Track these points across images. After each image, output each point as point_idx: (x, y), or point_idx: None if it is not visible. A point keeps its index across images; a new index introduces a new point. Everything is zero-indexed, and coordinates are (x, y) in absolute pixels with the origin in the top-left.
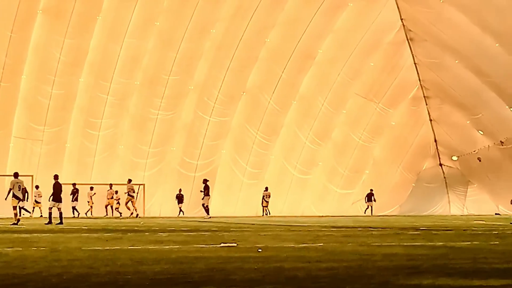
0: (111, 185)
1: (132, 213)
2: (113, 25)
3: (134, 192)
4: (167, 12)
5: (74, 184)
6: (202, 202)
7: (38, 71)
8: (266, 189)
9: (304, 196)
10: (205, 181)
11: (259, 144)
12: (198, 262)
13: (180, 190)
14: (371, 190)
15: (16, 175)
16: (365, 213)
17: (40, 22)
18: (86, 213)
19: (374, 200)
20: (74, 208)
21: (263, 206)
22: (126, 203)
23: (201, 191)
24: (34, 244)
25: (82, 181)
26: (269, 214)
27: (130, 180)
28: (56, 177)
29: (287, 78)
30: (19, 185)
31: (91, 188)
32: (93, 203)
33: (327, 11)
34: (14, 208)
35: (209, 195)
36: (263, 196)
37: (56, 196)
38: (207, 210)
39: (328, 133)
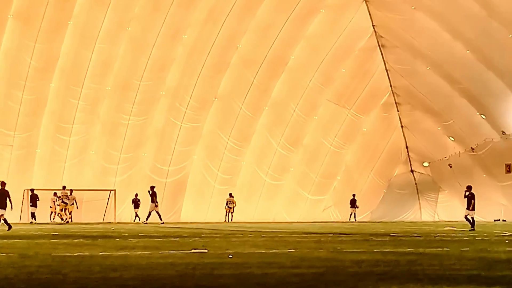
0: (71, 190)
1: (66, 220)
2: (84, 30)
3: (68, 198)
4: (139, 18)
5: (32, 190)
6: (149, 209)
7: (8, 76)
8: (230, 195)
9: (275, 202)
10: (152, 188)
11: (230, 150)
12: (168, 268)
13: (136, 195)
14: (354, 195)
15: None
16: (349, 219)
17: (10, 27)
18: (53, 219)
19: (357, 206)
20: (32, 214)
21: (226, 212)
22: (61, 210)
23: (148, 191)
24: (3, 250)
25: (53, 186)
26: (230, 221)
27: (64, 187)
28: (3, 184)
29: (259, 84)
30: None
31: (55, 194)
32: (55, 209)
33: (299, 17)
34: None
35: (154, 202)
36: (227, 202)
37: (1, 203)
38: (147, 217)
39: (300, 139)
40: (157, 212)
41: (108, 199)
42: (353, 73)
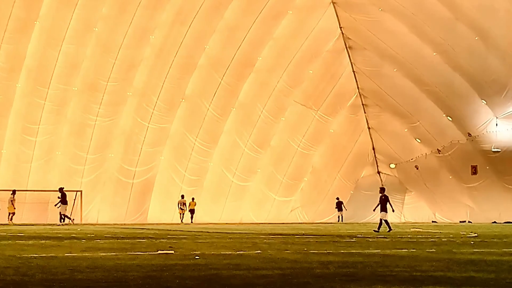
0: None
1: None
2: (51, 31)
3: None
4: (106, 18)
5: None
6: (59, 210)
7: None
8: (182, 197)
9: (243, 203)
10: (61, 189)
11: (198, 151)
12: (134, 269)
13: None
14: (338, 198)
15: None
16: (338, 221)
17: None
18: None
19: (345, 209)
20: None
21: (180, 214)
22: None
23: (58, 198)
24: None
25: (19, 187)
26: (182, 222)
27: None
28: None
29: (227, 85)
30: None
31: (13, 193)
32: (15, 209)
33: (266, 19)
34: None
35: (66, 203)
36: (178, 203)
37: None
38: (63, 218)
39: (267, 140)
40: (63, 214)
41: (75, 200)
42: (320, 74)
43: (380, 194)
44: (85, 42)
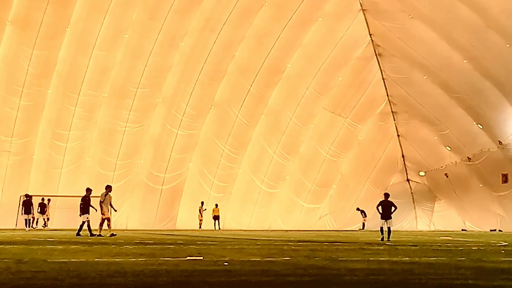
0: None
1: None
2: (81, 37)
3: None
4: (136, 25)
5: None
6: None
7: (6, 82)
8: (202, 203)
9: (271, 210)
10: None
11: (226, 158)
12: (163, 275)
13: (42, 199)
14: (358, 208)
15: None
16: (362, 229)
17: (8, 33)
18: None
19: (363, 215)
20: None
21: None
22: None
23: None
24: None
25: (49, 193)
26: (201, 227)
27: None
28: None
29: (256, 92)
30: None
31: (49, 200)
32: (49, 215)
33: (296, 26)
34: None
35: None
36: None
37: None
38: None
39: (296, 147)
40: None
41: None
42: (349, 81)
43: (384, 199)
44: (115, 49)
